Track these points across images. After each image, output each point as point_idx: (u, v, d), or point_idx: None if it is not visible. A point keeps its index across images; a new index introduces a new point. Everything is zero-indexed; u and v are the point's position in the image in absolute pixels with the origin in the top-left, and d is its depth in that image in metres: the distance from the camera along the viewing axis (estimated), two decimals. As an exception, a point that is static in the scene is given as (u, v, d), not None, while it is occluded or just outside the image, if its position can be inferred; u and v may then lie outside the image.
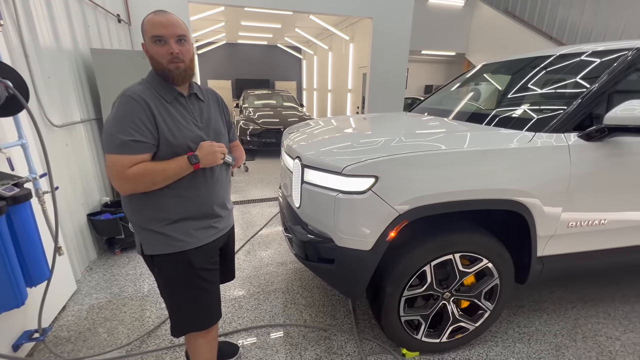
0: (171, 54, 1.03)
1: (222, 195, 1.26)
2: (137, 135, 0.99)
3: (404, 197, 1.35)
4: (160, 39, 1.02)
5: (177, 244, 1.13)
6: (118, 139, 0.97)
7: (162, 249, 1.13)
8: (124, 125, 0.98)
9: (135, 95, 1.02)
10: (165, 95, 1.08)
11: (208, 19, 7.23)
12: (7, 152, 1.52)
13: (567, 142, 1.49)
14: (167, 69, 1.05)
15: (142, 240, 1.15)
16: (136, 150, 0.99)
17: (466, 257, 1.55)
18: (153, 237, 1.12)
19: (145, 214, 1.11)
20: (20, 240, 1.48)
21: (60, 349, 1.71)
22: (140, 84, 1.08)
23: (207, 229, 1.20)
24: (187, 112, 1.13)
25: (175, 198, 1.10)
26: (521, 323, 1.95)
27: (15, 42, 1.87)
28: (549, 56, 2.03)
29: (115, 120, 0.99)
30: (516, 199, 1.43)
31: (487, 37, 8.71)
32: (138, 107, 1.00)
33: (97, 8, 3.10)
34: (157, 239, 1.12)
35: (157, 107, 1.04)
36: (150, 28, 1.02)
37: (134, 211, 1.13)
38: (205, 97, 1.23)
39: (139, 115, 1.00)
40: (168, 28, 1.02)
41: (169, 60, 1.04)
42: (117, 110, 1.00)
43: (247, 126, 6.50)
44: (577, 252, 1.68)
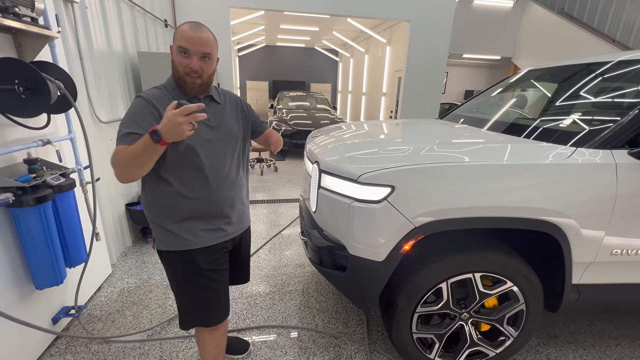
0: (190, 68, 1.07)
1: (232, 196, 1.25)
2: (135, 127, 1.02)
3: (421, 209, 1.29)
4: (186, 51, 1.06)
5: (183, 242, 1.17)
6: (120, 132, 1.04)
7: (169, 245, 1.18)
8: (129, 121, 1.05)
9: (145, 96, 1.09)
10: (178, 99, 1.06)
11: (249, 22, 7.51)
12: (57, 145, 1.70)
13: (615, 160, 1.33)
14: (182, 79, 1.09)
15: (155, 235, 1.22)
16: (129, 141, 1.00)
17: (488, 278, 1.44)
18: (162, 233, 1.18)
19: (156, 211, 1.17)
20: (63, 225, 1.64)
21: (92, 327, 1.87)
22: (157, 88, 1.14)
23: (215, 231, 1.22)
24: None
25: (181, 197, 1.14)
26: (552, 355, 1.78)
27: (73, 45, 2.08)
28: (605, 62, 1.82)
29: (125, 117, 1.07)
30: (547, 218, 1.31)
31: (538, 40, 8.08)
32: (144, 105, 1.07)
33: (146, 14, 3.36)
34: (165, 236, 1.17)
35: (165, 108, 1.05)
36: (180, 38, 1.06)
37: (148, 206, 1.19)
38: (223, 99, 1.26)
39: (144, 112, 1.06)
40: (196, 45, 1.06)
41: (187, 72, 1.08)
42: (128, 109, 1.10)
43: (280, 127, 6.64)
44: (622, 283, 1.50)
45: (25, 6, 1.37)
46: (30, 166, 1.49)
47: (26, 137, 1.58)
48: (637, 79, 1.57)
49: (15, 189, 1.37)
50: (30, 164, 1.49)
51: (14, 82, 1.31)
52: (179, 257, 1.19)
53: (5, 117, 1.38)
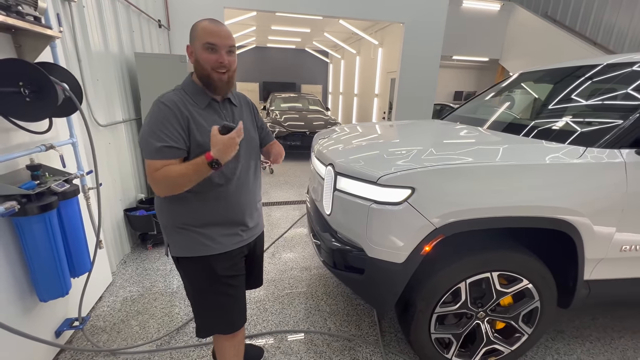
0: (220, 62, 1.05)
1: (250, 201, 1.24)
2: (169, 141, 1.01)
3: (442, 210, 1.30)
4: (213, 47, 1.04)
5: (201, 248, 1.15)
6: (152, 145, 1.01)
7: (187, 252, 1.15)
8: (157, 132, 1.01)
9: (168, 102, 1.04)
10: (199, 102, 1.10)
11: (240, 23, 7.44)
12: (59, 149, 1.63)
13: (624, 158, 1.38)
14: (210, 77, 1.07)
15: (170, 241, 1.18)
16: (167, 155, 1.01)
17: (504, 277, 1.46)
18: (179, 239, 1.15)
19: (174, 217, 1.14)
20: (67, 233, 1.57)
21: (97, 339, 1.80)
22: (174, 90, 1.11)
23: (233, 236, 1.20)
24: (219, 118, 1.14)
25: (202, 203, 1.12)
26: (561, 350, 1.82)
27: (70, 46, 2.00)
28: (595, 65, 1.90)
29: (149, 126, 1.02)
30: (563, 217, 1.34)
31: (524, 43, 8.32)
32: (170, 113, 1.03)
33: (141, 14, 3.27)
34: (183, 242, 1.15)
35: (190, 113, 1.06)
36: (205, 34, 1.04)
37: (164, 212, 1.16)
38: (238, 102, 1.24)
39: (171, 122, 1.02)
40: (222, 38, 1.05)
41: (215, 67, 1.06)
42: (151, 117, 1.03)
43: (274, 129, 6.60)
44: (630, 278, 1.55)
45: (28, 5, 1.31)
46: (33, 172, 1.42)
47: (27, 142, 1.50)
48: (631, 80, 1.63)
49: (19, 196, 1.31)
50: (33, 170, 1.42)
51: (18, 84, 1.24)
52: (198, 264, 1.17)
53: (9, 120, 1.31)
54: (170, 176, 1.00)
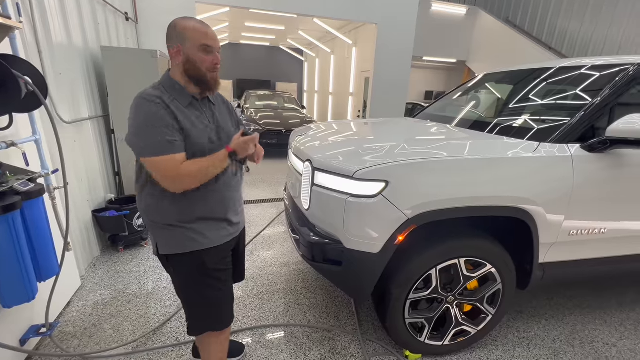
0: (216, 64, 1.11)
1: (235, 196, 1.27)
2: (173, 135, 1.03)
3: (413, 202, 1.39)
4: (209, 48, 1.08)
5: (192, 243, 1.16)
6: (157, 141, 1.00)
7: (177, 248, 1.16)
8: (159, 127, 1.01)
9: (155, 98, 1.03)
10: (181, 100, 1.10)
11: (213, 19, 7.26)
12: (21, 147, 1.54)
13: (571, 153, 1.54)
14: (206, 77, 1.11)
15: (158, 239, 1.17)
16: (177, 149, 1.03)
17: (470, 262, 1.58)
18: (169, 236, 1.15)
19: (163, 214, 1.13)
20: (32, 235, 1.49)
21: (67, 344, 1.72)
22: (155, 88, 1.09)
23: (221, 231, 1.23)
24: (202, 115, 1.16)
25: (191, 199, 1.13)
26: (521, 328, 1.99)
27: (30, 38, 1.89)
28: (549, 68, 2.09)
29: (145, 123, 1.01)
30: (521, 206, 1.48)
31: (488, 46, 8.83)
32: (162, 109, 1.03)
33: (106, 6, 3.12)
34: (172, 239, 1.15)
35: (176, 109, 1.07)
36: (200, 36, 1.07)
37: (151, 211, 1.15)
38: (215, 100, 1.27)
39: (165, 117, 1.03)
40: (216, 40, 1.12)
41: (210, 68, 1.11)
42: (144, 114, 1.01)
43: (249, 127, 6.52)
44: (578, 259, 1.73)
45: (-15, -7, 1.23)
46: (-8, 171, 1.34)
47: (-15, 139, 1.41)
48: (579, 82, 1.81)
49: (-22, 197, 1.23)
50: (-8, 169, 1.34)
51: (-25, 78, 1.17)
52: (188, 259, 1.18)
53: (-35, 116, 1.23)
54: (191, 170, 1.04)
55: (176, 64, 1.10)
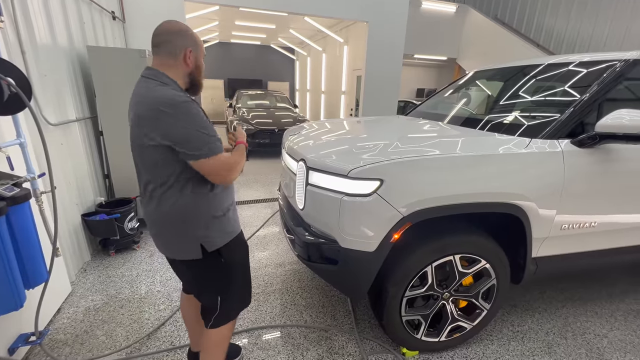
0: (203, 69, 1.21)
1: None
2: (215, 132, 1.11)
3: (408, 199, 1.39)
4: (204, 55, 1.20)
5: (235, 229, 1.27)
6: (213, 140, 1.08)
7: (228, 236, 1.23)
8: (208, 128, 1.08)
9: (191, 100, 1.09)
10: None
11: (202, 17, 7.17)
12: (5, 150, 1.49)
13: (561, 148, 1.56)
14: (201, 81, 1.21)
15: (204, 239, 1.17)
16: (221, 145, 1.13)
17: (465, 259, 1.59)
18: (217, 229, 1.19)
19: (206, 210, 1.17)
20: (19, 241, 1.45)
21: (58, 352, 1.68)
22: (172, 88, 1.07)
23: (236, 213, 1.34)
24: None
25: (218, 192, 1.20)
26: (515, 322, 2.02)
27: (12, 38, 1.83)
28: (538, 65, 2.11)
29: (200, 124, 1.05)
30: (514, 202, 1.49)
31: (477, 43, 8.92)
32: (200, 109, 1.10)
33: (92, 4, 3.04)
34: (221, 229, 1.21)
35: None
36: (203, 46, 1.18)
37: (192, 211, 1.14)
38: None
39: (205, 115, 1.11)
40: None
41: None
42: (192, 115, 1.04)
43: (241, 126, 6.46)
44: (569, 253, 1.76)
45: (-38, -9, 1.18)
46: (-25, 176, 1.29)
47: (-33, 143, 1.36)
48: (567, 78, 1.84)
49: (-40, 203, 1.18)
50: (-25, 173, 1.29)
51: (-46, 79, 1.12)
52: (236, 244, 1.27)
53: (-56, 120, 1.18)
54: (239, 159, 1.16)
55: (182, 66, 1.13)
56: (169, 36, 1.10)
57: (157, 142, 1.02)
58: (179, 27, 1.11)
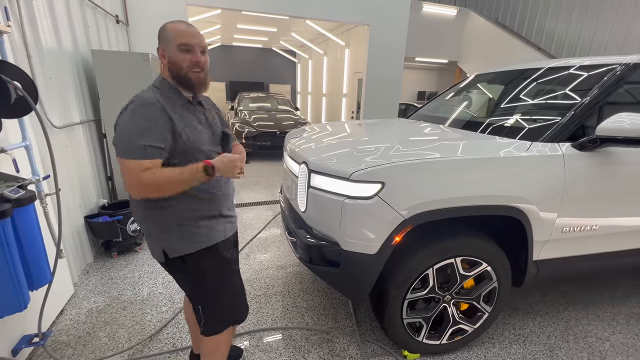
0: (196, 62, 1.09)
1: (231, 192, 1.33)
2: (152, 140, 1.00)
3: (409, 202, 1.40)
4: (188, 47, 1.07)
5: (209, 238, 1.19)
6: (134, 144, 0.98)
7: (196, 245, 1.17)
8: (141, 130, 0.99)
9: (152, 99, 1.04)
10: (177, 102, 1.11)
11: (204, 21, 7.22)
12: (11, 153, 1.51)
13: (562, 151, 1.56)
14: (186, 76, 1.09)
15: (166, 244, 1.15)
16: (150, 155, 1.01)
17: (467, 261, 1.60)
18: (186, 236, 1.14)
19: (178, 216, 1.13)
20: (23, 243, 1.46)
21: (60, 354, 1.69)
22: (151, 90, 1.10)
23: (228, 223, 1.28)
24: (195, 117, 1.17)
25: (199, 197, 1.15)
26: (516, 325, 2.01)
27: (19, 42, 1.85)
28: (539, 68, 2.12)
29: (134, 124, 1.00)
30: (515, 205, 1.50)
31: (478, 46, 8.94)
32: (155, 110, 1.03)
33: (96, 9, 3.08)
34: (190, 237, 1.15)
35: (172, 112, 1.07)
36: (178, 36, 1.06)
37: (162, 215, 1.12)
38: (205, 103, 1.28)
39: (155, 119, 1.02)
40: (197, 38, 1.09)
41: (191, 67, 1.09)
42: (133, 114, 1.01)
43: (243, 129, 6.49)
44: (571, 256, 1.76)
45: (-29, -4, 1.21)
46: (-19, 178, 1.31)
47: (-27, 146, 1.38)
48: (568, 82, 1.85)
49: (-33, 205, 1.20)
50: (-19, 176, 1.31)
51: (-37, 83, 1.14)
52: (208, 254, 1.20)
53: (-48, 123, 1.20)
54: (161, 178, 1.00)
55: (164, 67, 1.12)
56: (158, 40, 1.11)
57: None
58: (160, 27, 1.11)
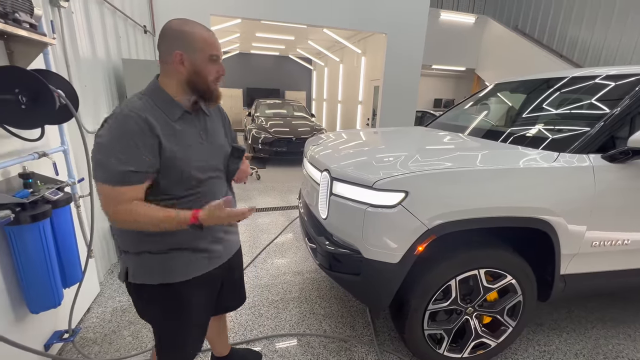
0: (222, 74, 1.03)
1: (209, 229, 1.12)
2: (134, 164, 0.88)
3: (433, 212, 1.39)
4: (217, 58, 1.01)
5: (163, 276, 1.04)
6: (111, 168, 0.87)
7: (156, 278, 1.03)
8: (120, 151, 0.87)
9: (134, 113, 0.90)
10: (171, 113, 0.99)
11: (225, 30, 7.44)
12: (51, 157, 1.60)
13: (592, 163, 1.52)
14: (210, 88, 1.02)
15: (131, 265, 1.04)
16: (132, 181, 0.89)
17: (490, 273, 1.57)
18: (146, 264, 1.02)
19: (142, 239, 1.00)
20: (59, 243, 1.54)
21: (88, 350, 1.75)
22: (141, 99, 0.97)
23: (208, 259, 1.12)
24: (192, 129, 1.05)
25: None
26: (541, 341, 1.95)
27: (59, 53, 1.97)
28: (562, 78, 2.08)
29: (110, 143, 0.88)
30: (541, 217, 1.46)
31: (497, 54, 8.81)
32: (136, 128, 0.89)
33: (127, 20, 3.24)
34: (150, 267, 1.03)
35: (161, 127, 0.94)
36: (209, 46, 0.99)
37: (127, 234, 1.02)
38: (210, 110, 1.16)
39: (137, 139, 0.89)
40: (220, 49, 1.03)
41: (217, 79, 1.03)
42: (112, 132, 0.88)
43: (259, 135, 6.61)
44: (600, 271, 1.70)
45: (24, 12, 1.30)
46: (25, 180, 1.39)
47: (19, 150, 1.47)
48: (594, 92, 1.81)
49: (13, 205, 1.28)
50: (25, 178, 1.40)
51: (14, 92, 1.23)
52: (162, 291, 1.05)
53: (3, 128, 1.29)
54: (138, 215, 0.90)
55: (175, 73, 0.98)
56: (160, 41, 0.99)
57: None
58: (173, 27, 0.97)
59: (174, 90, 1.00)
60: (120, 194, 0.89)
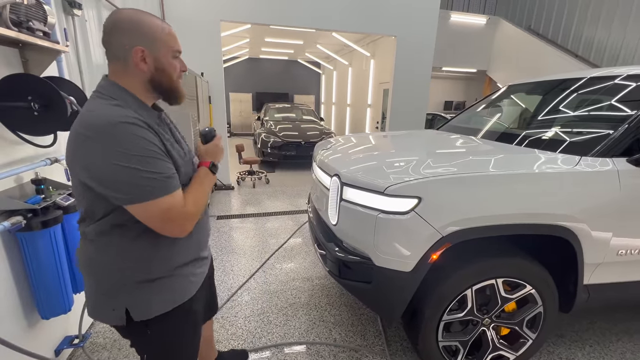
0: (184, 70, 0.94)
1: (207, 233, 1.13)
2: (171, 166, 0.85)
3: (448, 219, 1.34)
4: (179, 53, 0.91)
5: (179, 296, 0.97)
6: (160, 178, 0.80)
7: (165, 306, 0.94)
8: (154, 159, 0.80)
9: (136, 120, 0.80)
10: (150, 117, 0.88)
11: (234, 35, 7.53)
12: (63, 163, 1.61)
13: (616, 167, 1.45)
14: (175, 86, 0.92)
15: (137, 302, 0.91)
16: (178, 182, 0.86)
17: (508, 283, 1.50)
18: (152, 294, 0.92)
19: (144, 267, 0.90)
20: (70, 248, 1.54)
21: (97, 356, 1.75)
22: (120, 106, 0.81)
23: (200, 269, 1.07)
24: (170, 133, 0.97)
25: (171, 244, 0.93)
26: (562, 354, 1.85)
27: (73, 60, 2.01)
28: (580, 78, 2.00)
29: (139, 156, 0.77)
30: (562, 223, 1.39)
31: (509, 55, 8.64)
32: (148, 133, 0.81)
33: (139, 27, 3.29)
34: (168, 291, 0.95)
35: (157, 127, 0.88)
36: (172, 40, 0.88)
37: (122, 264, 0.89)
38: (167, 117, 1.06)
39: (156, 142, 0.82)
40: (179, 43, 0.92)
41: (179, 76, 0.93)
42: (129, 144, 0.76)
43: (269, 139, 6.63)
44: (628, 281, 1.60)
45: (38, 20, 1.32)
46: (37, 187, 1.41)
47: (32, 156, 1.49)
48: (615, 93, 1.72)
49: (25, 211, 1.29)
50: (38, 184, 1.41)
51: (27, 99, 1.24)
52: (176, 315, 0.97)
53: (17, 135, 1.30)
54: (199, 200, 0.89)
55: (137, 72, 0.85)
56: (111, 35, 0.83)
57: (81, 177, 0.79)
58: (128, 18, 0.83)
59: (139, 92, 0.87)
60: (180, 195, 0.85)
